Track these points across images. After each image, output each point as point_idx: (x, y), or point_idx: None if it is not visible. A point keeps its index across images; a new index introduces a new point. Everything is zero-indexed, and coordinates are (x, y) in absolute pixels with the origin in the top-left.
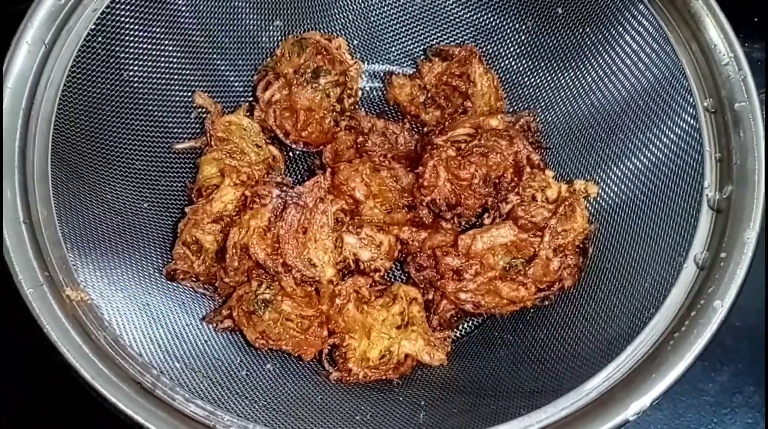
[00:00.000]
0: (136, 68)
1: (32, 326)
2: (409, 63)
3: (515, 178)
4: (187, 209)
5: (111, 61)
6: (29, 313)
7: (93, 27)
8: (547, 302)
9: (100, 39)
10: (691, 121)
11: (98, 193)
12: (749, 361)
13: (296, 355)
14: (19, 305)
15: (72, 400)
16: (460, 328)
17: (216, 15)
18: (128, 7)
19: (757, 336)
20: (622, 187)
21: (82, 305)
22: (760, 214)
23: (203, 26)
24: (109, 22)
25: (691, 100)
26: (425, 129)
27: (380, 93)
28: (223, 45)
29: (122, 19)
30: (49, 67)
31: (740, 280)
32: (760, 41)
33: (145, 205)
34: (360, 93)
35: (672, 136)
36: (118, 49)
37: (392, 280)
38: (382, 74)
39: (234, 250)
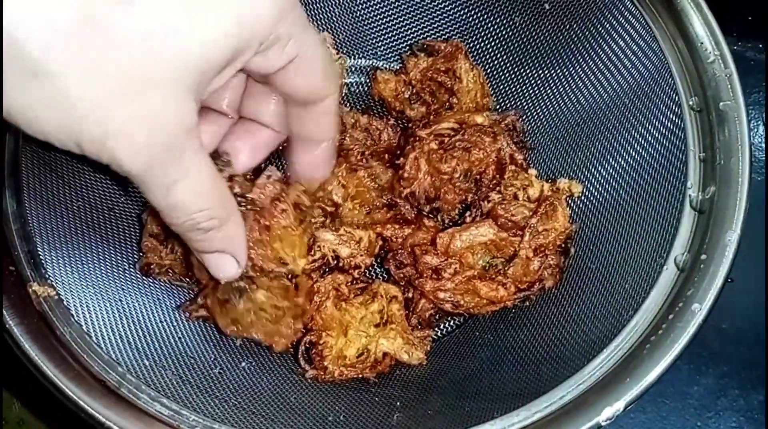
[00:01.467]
0: None
1: None
2: (395, 58)
3: (497, 176)
4: None
5: None
6: None
7: None
8: (527, 303)
9: None
10: (677, 120)
11: (72, 186)
12: (735, 365)
13: (267, 344)
14: None
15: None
16: (441, 327)
17: None
18: None
19: (744, 339)
20: (606, 186)
21: (49, 301)
22: (742, 216)
23: None
24: None
25: (677, 98)
26: (410, 125)
27: (365, 88)
28: None
29: None
30: None
31: (720, 282)
32: (754, 40)
33: (122, 199)
34: (345, 89)
35: (657, 134)
36: None
37: (373, 277)
38: (367, 69)
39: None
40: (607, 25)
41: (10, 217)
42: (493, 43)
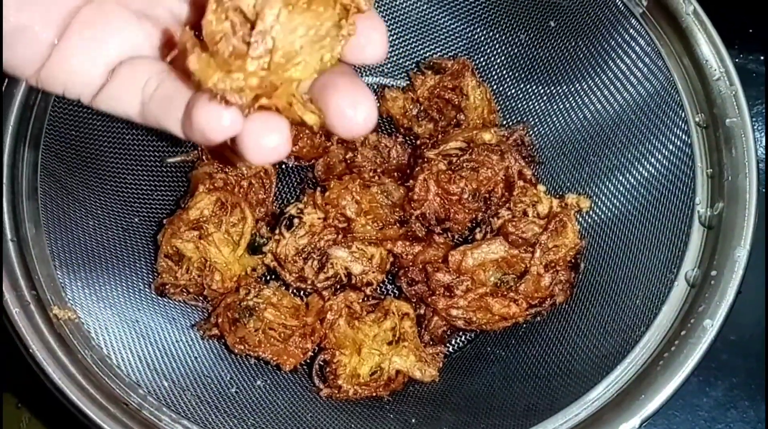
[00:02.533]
0: None
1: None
2: (402, 75)
3: (506, 193)
4: (164, 221)
5: None
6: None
7: None
8: (539, 318)
9: None
10: (683, 136)
11: (88, 209)
12: (744, 376)
13: (275, 363)
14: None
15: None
16: (452, 343)
17: None
18: None
19: (752, 350)
20: (615, 201)
21: (69, 324)
22: (751, 232)
23: None
24: None
25: (683, 114)
26: (418, 142)
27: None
28: None
29: None
30: None
31: (731, 298)
32: (755, 53)
33: (136, 219)
34: None
35: (664, 150)
36: None
37: (384, 293)
38: (375, 87)
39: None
40: (613, 43)
41: (29, 242)
42: (499, 60)
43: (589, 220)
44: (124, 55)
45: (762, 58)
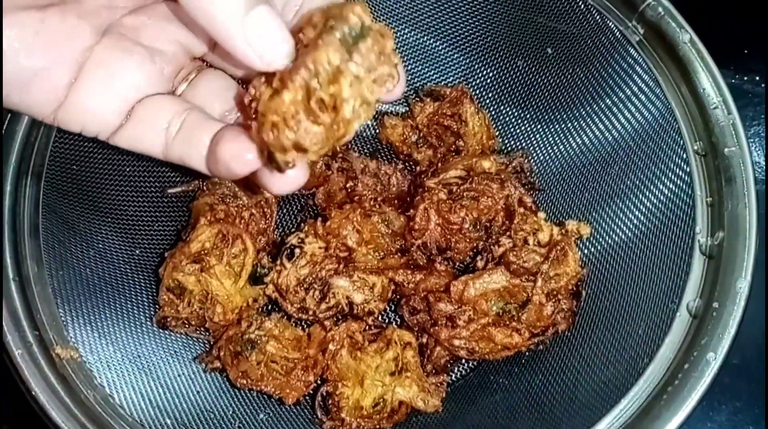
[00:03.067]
0: None
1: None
2: (401, 101)
3: (506, 222)
4: (166, 254)
5: None
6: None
7: None
8: (541, 346)
9: None
10: (682, 164)
11: (89, 243)
12: (747, 400)
13: (277, 397)
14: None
15: None
16: (455, 371)
17: None
18: None
19: (755, 374)
20: (615, 228)
21: (71, 363)
22: (752, 263)
23: None
24: None
25: (682, 142)
26: (418, 168)
27: (373, 131)
28: None
29: None
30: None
31: (733, 331)
32: (750, 73)
33: (138, 251)
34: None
35: (663, 178)
36: None
37: (386, 322)
38: (374, 113)
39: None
40: (610, 70)
41: (31, 280)
42: (497, 87)
43: (591, 248)
44: (140, 93)
45: (757, 78)
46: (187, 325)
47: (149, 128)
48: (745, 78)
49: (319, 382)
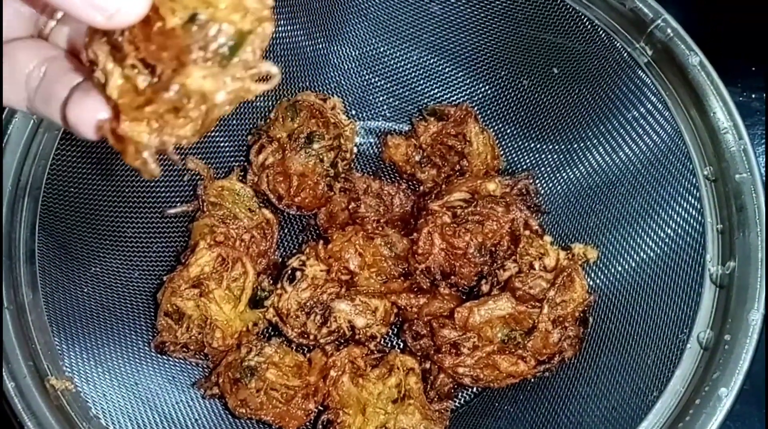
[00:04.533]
0: None
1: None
2: (404, 120)
3: (512, 246)
4: (165, 278)
5: None
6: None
7: None
8: (548, 374)
9: None
10: (692, 189)
11: (87, 267)
12: (758, 426)
13: (277, 426)
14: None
15: None
16: (459, 397)
17: None
18: None
19: (763, 399)
20: (624, 253)
21: (66, 394)
22: (764, 294)
23: None
24: None
25: (691, 166)
26: (421, 188)
27: (376, 149)
28: None
29: None
30: (38, 141)
31: (746, 366)
32: (758, 91)
33: (136, 273)
34: (355, 150)
35: (672, 202)
36: None
37: (389, 346)
38: (377, 131)
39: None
40: (618, 91)
41: (26, 308)
42: (502, 106)
43: (599, 273)
44: None
45: (765, 95)
46: (185, 351)
47: (8, 80)
48: (753, 95)
49: (320, 408)
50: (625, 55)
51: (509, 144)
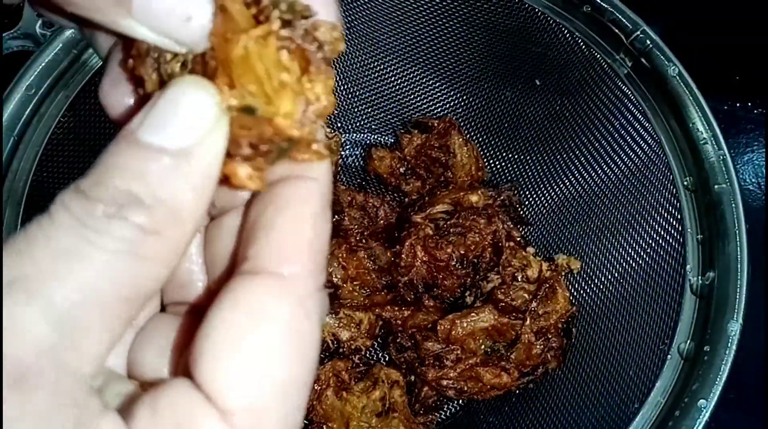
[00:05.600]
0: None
1: None
2: (389, 132)
3: (494, 258)
4: None
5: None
6: None
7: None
8: (531, 385)
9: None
10: (672, 200)
11: None
12: None
13: None
14: None
15: None
16: (444, 410)
17: None
18: None
19: (753, 409)
20: (606, 264)
21: None
22: (743, 305)
23: None
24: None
25: (671, 176)
26: (406, 199)
27: (360, 162)
28: None
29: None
30: (20, 154)
31: (725, 376)
32: (742, 100)
33: None
34: (340, 162)
35: (653, 212)
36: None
37: (373, 359)
38: (362, 143)
39: None
40: (598, 102)
41: None
42: (485, 118)
43: (582, 284)
44: None
45: (749, 104)
46: None
47: None
48: (738, 104)
49: (305, 422)
50: (606, 66)
51: (493, 155)
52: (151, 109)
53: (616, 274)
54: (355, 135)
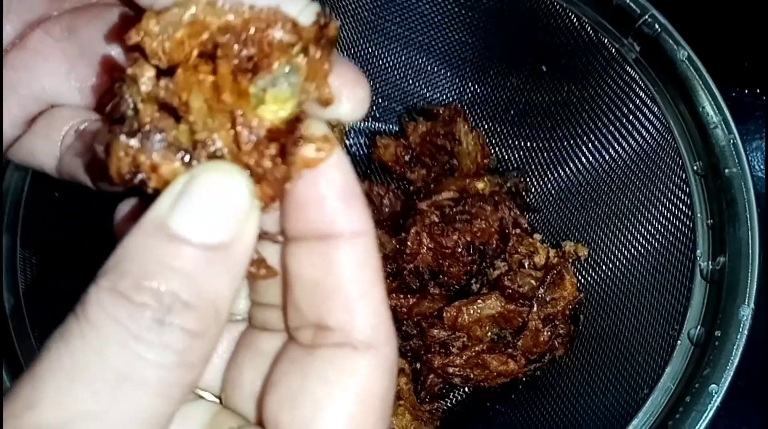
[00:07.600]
0: None
1: None
2: (393, 120)
3: (500, 245)
4: None
5: None
6: None
7: None
8: (538, 372)
9: None
10: (682, 185)
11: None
12: (757, 426)
13: None
14: None
15: None
16: (450, 397)
17: None
18: None
19: (763, 397)
20: (615, 250)
21: None
22: (755, 289)
23: None
24: None
25: (681, 161)
26: (411, 188)
27: (365, 150)
28: None
29: None
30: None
31: (736, 361)
32: (751, 87)
33: None
34: (345, 151)
35: (662, 198)
36: None
37: None
38: (366, 131)
39: None
40: (606, 88)
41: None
42: (491, 105)
43: (590, 270)
44: (44, 104)
45: (758, 91)
46: None
47: (44, 141)
48: (746, 91)
49: None
50: (613, 51)
51: (499, 143)
52: (182, 197)
53: (624, 261)
54: (359, 123)
